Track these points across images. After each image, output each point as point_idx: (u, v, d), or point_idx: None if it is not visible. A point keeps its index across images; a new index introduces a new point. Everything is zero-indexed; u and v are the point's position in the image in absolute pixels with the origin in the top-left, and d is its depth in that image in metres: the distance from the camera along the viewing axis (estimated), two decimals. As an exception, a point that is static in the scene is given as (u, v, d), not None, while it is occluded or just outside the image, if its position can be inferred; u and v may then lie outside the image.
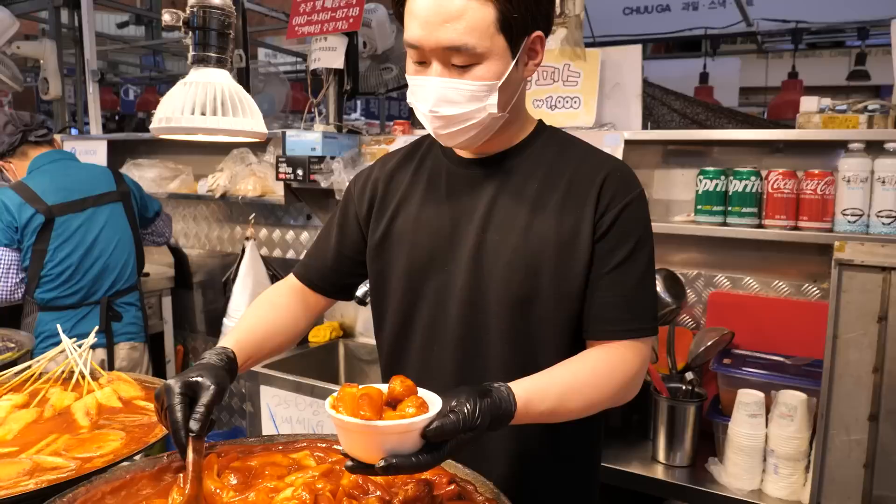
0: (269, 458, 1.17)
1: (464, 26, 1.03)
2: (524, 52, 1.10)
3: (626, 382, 1.14)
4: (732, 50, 6.01)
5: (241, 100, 0.76)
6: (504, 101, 1.11)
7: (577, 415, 1.11)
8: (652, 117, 2.60)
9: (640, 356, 1.16)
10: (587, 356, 1.15)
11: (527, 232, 1.16)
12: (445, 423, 0.89)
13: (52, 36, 3.92)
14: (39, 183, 2.62)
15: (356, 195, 1.35)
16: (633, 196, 1.16)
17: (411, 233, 1.24)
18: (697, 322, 2.23)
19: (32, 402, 1.47)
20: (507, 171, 1.20)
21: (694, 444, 1.93)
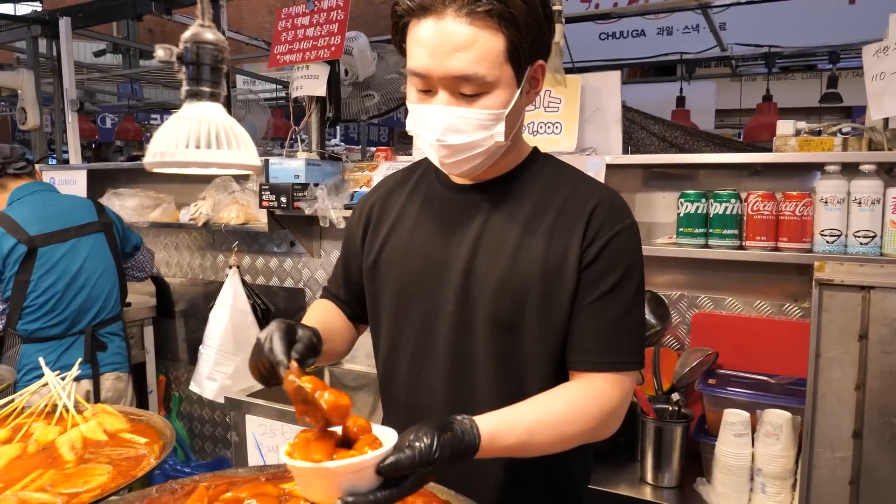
0: (260, 489, 1.16)
1: (474, 56, 1.02)
2: (527, 81, 1.10)
3: (602, 417, 1.11)
4: (707, 74, 6.15)
5: (234, 133, 0.77)
6: (509, 129, 1.10)
7: (550, 449, 1.10)
8: (631, 141, 2.65)
9: (621, 390, 1.13)
10: (563, 389, 1.13)
11: (515, 258, 1.15)
12: (400, 459, 0.88)
13: (30, 66, 3.91)
14: (20, 213, 2.60)
15: (355, 220, 1.36)
16: (622, 226, 1.15)
17: (403, 256, 1.24)
18: (682, 343, 2.26)
19: (16, 437, 1.44)
20: (499, 197, 1.20)
21: (681, 465, 1.94)
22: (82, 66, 7.47)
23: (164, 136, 0.73)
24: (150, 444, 1.43)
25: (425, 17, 1.04)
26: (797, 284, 2.06)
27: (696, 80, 5.62)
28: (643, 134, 2.64)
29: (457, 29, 1.01)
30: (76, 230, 2.70)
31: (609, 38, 6.74)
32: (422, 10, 1.04)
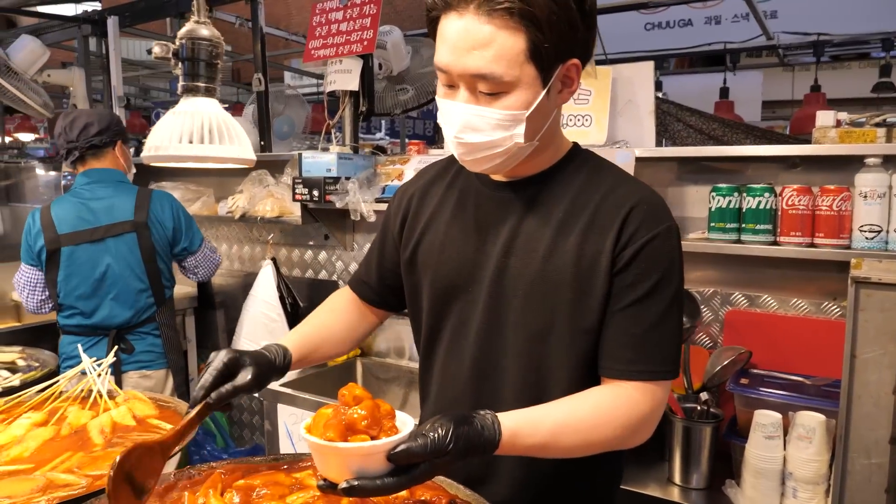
0: (273, 478, 1.18)
1: (492, 54, 1.00)
2: (557, 80, 1.06)
3: (631, 425, 1.08)
4: (754, 64, 5.95)
5: (228, 127, 0.78)
6: (532, 130, 1.07)
7: (573, 453, 1.08)
8: (667, 133, 2.59)
9: (653, 399, 1.09)
10: (591, 393, 1.11)
11: (547, 259, 1.13)
12: (412, 447, 0.89)
13: (81, 64, 4.06)
14: (60, 209, 2.63)
15: (393, 209, 1.37)
16: (659, 230, 1.10)
17: (438, 252, 1.24)
18: (714, 341, 2.20)
19: (51, 421, 1.50)
20: (534, 196, 1.17)
21: (710, 466, 1.89)
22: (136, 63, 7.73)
23: (160, 132, 0.75)
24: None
25: (450, 13, 1.03)
26: (836, 282, 1.97)
27: (742, 70, 5.44)
28: (679, 126, 2.58)
29: (476, 27, 1.00)
30: (105, 230, 2.63)
31: (654, 28, 6.59)
32: (447, 6, 1.03)
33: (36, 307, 2.68)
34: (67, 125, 2.63)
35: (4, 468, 1.28)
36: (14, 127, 7.34)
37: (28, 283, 2.66)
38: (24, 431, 1.43)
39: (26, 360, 2.10)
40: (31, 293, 2.66)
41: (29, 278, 2.65)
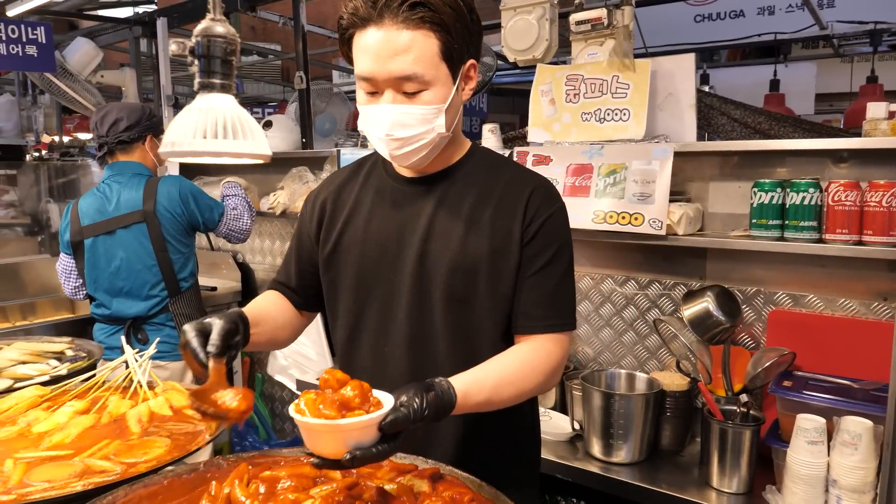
0: (298, 470, 1.19)
1: (412, 57, 1.15)
2: (462, 79, 1.24)
3: (550, 371, 1.27)
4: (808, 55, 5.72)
5: (243, 123, 0.80)
6: (449, 121, 1.24)
7: (510, 403, 1.23)
8: (710, 128, 2.51)
9: (562, 348, 1.29)
10: (515, 351, 1.28)
11: (464, 243, 1.29)
12: (398, 417, 0.99)
13: (133, 64, 4.19)
14: (84, 202, 2.73)
15: (307, 214, 1.48)
16: (555, 208, 1.30)
17: (360, 244, 1.37)
18: (757, 342, 2.13)
19: (93, 409, 1.55)
20: (445, 189, 1.33)
21: (751, 471, 1.84)
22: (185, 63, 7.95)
23: (177, 127, 0.77)
24: (209, 421, 1.51)
25: (368, 27, 1.16)
26: (886, 281, 1.89)
27: (794, 61, 5.24)
28: (723, 120, 2.50)
29: (395, 35, 1.14)
30: (118, 221, 2.66)
31: (705, 19, 6.40)
32: (364, 22, 1.16)
33: (72, 292, 2.84)
34: (98, 120, 2.71)
35: (46, 453, 1.33)
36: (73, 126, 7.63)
37: (64, 270, 2.81)
38: (66, 419, 1.49)
39: (74, 350, 2.17)
40: (66, 279, 2.82)
41: (65, 266, 2.81)
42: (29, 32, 3.58)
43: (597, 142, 2.19)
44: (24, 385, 1.77)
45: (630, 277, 2.36)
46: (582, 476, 2.03)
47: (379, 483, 1.14)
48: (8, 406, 1.57)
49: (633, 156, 2.07)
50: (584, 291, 2.47)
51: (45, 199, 4.96)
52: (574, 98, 2.25)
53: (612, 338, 2.43)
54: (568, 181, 2.16)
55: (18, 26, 3.55)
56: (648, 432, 2.02)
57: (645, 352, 2.36)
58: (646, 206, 2.01)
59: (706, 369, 1.98)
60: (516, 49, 2.38)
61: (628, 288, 2.37)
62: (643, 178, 2.03)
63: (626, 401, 2.00)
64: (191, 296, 2.83)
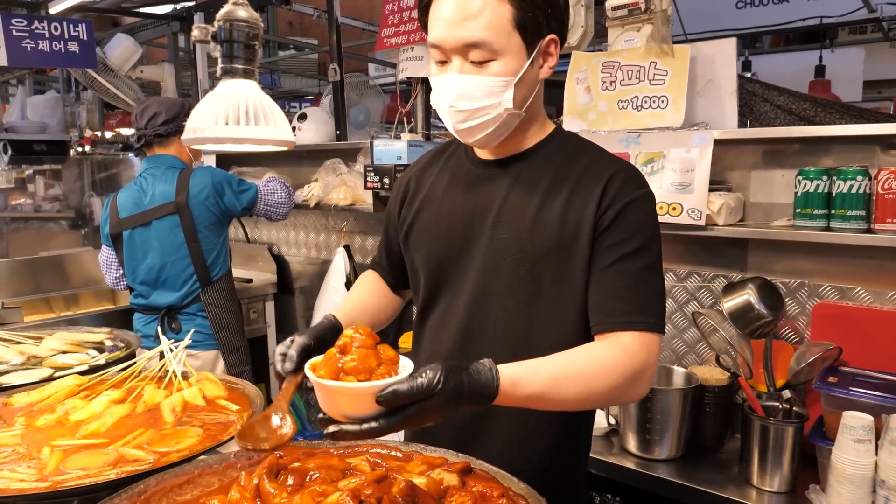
0: (327, 462, 1.19)
1: (482, 23, 1.10)
2: (539, 54, 1.17)
3: (629, 374, 1.11)
4: (855, 40, 5.50)
5: (265, 109, 0.78)
6: (520, 98, 1.17)
7: (572, 404, 1.11)
8: (752, 115, 2.43)
9: (647, 350, 1.13)
10: (588, 346, 1.15)
11: (532, 229, 1.20)
12: (398, 389, 0.90)
13: (171, 60, 4.25)
14: (122, 196, 2.80)
15: (394, 194, 1.47)
16: (638, 194, 1.18)
17: (433, 226, 1.33)
18: (800, 336, 2.06)
19: (128, 398, 1.58)
20: (520, 171, 1.25)
21: (793, 469, 1.77)
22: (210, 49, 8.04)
23: (199, 114, 0.76)
24: (241, 411, 1.52)
25: None
26: (941, 274, 1.80)
27: (841, 47, 5.04)
28: (766, 107, 2.42)
29: (467, 0, 1.10)
30: (153, 213, 2.72)
31: (747, 5, 6.21)
32: None
33: (113, 283, 2.94)
34: (138, 114, 2.77)
35: (82, 441, 1.35)
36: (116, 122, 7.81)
37: (105, 261, 2.91)
38: (102, 408, 1.51)
39: (113, 340, 2.22)
40: (107, 270, 2.91)
41: (106, 257, 2.90)
42: (71, 29, 3.66)
43: (634, 130, 2.14)
44: (64, 374, 1.81)
45: (668, 269, 2.30)
46: (618, 472, 1.98)
47: (408, 476, 1.12)
48: (48, 394, 1.60)
49: (672, 144, 2.01)
50: (619, 284, 2.42)
51: (88, 192, 5.09)
52: (610, 85, 2.19)
53: (649, 331, 2.37)
54: (603, 171, 2.11)
55: (61, 23, 3.63)
56: (687, 428, 1.97)
57: (683, 345, 2.30)
58: (685, 195, 1.96)
59: (747, 364, 1.91)
60: (550, 36, 2.33)
61: (666, 280, 2.29)
62: (682, 166, 1.97)
63: (663, 396, 1.95)
64: (223, 286, 2.87)
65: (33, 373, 1.94)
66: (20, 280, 3.71)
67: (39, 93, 6.28)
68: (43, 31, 3.56)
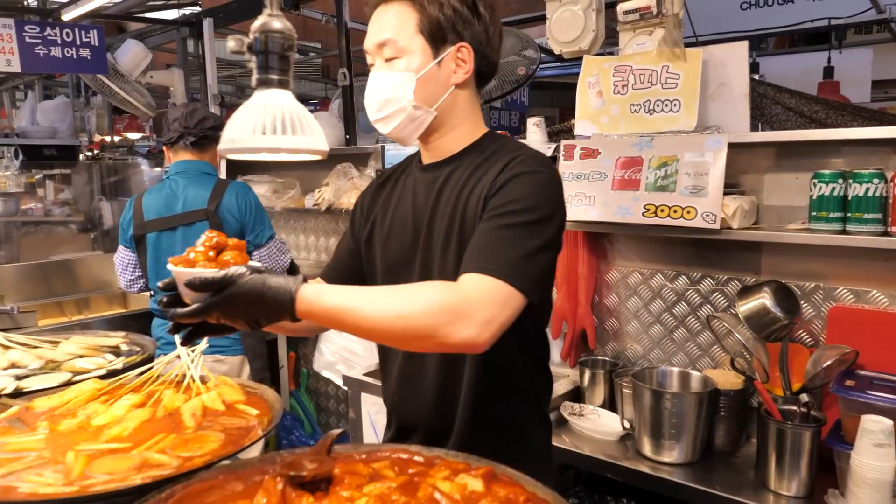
0: (351, 467, 1.20)
1: (390, 25, 1.29)
2: (450, 59, 1.31)
3: (450, 308, 1.07)
4: (863, 41, 5.50)
5: (302, 119, 0.79)
6: (426, 95, 1.30)
7: (382, 321, 1.07)
8: (764, 118, 2.44)
9: (479, 291, 1.11)
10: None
11: (454, 220, 1.31)
12: (206, 276, 1.04)
13: (180, 65, 4.27)
14: (150, 197, 2.78)
15: (357, 208, 1.57)
16: (528, 169, 1.24)
17: (387, 234, 1.44)
18: (816, 339, 2.06)
19: (148, 403, 1.58)
20: (451, 171, 1.36)
21: (811, 474, 1.77)
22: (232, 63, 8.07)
23: (236, 124, 0.77)
24: (261, 416, 1.52)
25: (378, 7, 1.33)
26: (958, 277, 1.80)
27: (849, 47, 5.03)
28: (777, 109, 2.42)
29: (384, 9, 1.31)
30: (182, 217, 2.71)
31: (752, 6, 6.22)
32: (373, 8, 1.34)
33: (127, 285, 2.89)
34: (187, 113, 2.77)
35: (105, 446, 1.35)
36: (123, 126, 7.85)
37: (121, 262, 2.87)
38: (123, 412, 1.51)
39: (129, 344, 2.22)
40: (123, 271, 2.87)
41: (122, 258, 2.86)
42: (82, 36, 3.69)
43: (646, 134, 2.14)
44: (83, 378, 1.82)
45: (681, 272, 2.31)
46: (632, 476, 1.99)
47: (433, 482, 1.13)
48: (68, 399, 1.61)
49: (685, 147, 2.01)
50: (632, 287, 2.42)
51: (98, 197, 5.12)
52: (622, 89, 2.20)
53: (663, 334, 2.37)
54: (617, 174, 2.11)
55: (73, 30, 3.66)
56: (702, 432, 1.97)
57: (696, 349, 2.30)
58: (699, 199, 1.96)
59: (763, 368, 1.92)
60: (562, 41, 2.34)
61: (679, 283, 2.31)
62: (696, 170, 1.97)
63: (678, 399, 1.95)
64: None
65: (52, 377, 1.95)
66: (32, 284, 3.73)
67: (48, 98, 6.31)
68: (55, 37, 3.59)
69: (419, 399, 1.42)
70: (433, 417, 1.41)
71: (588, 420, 2.22)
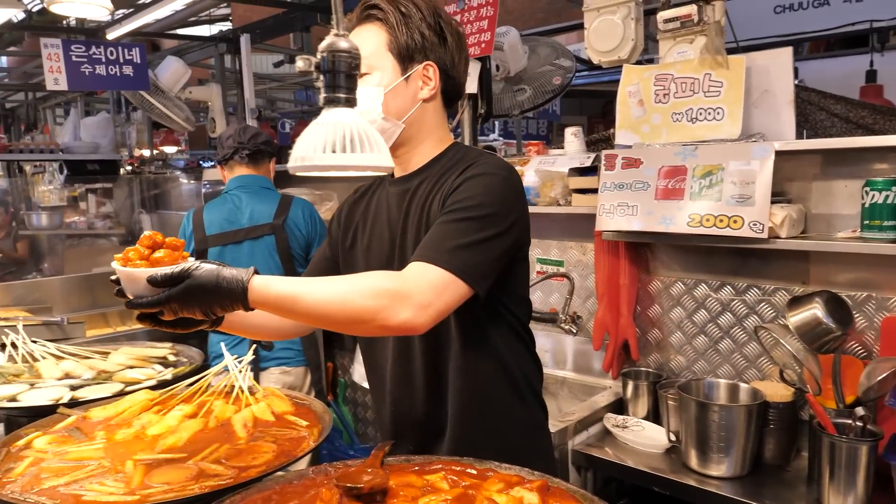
0: (405, 479, 1.20)
1: (363, 44, 1.28)
2: (417, 76, 1.40)
3: (391, 292, 1.14)
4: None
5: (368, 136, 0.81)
6: (394, 108, 1.38)
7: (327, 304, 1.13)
8: (808, 124, 2.40)
9: (418, 276, 1.19)
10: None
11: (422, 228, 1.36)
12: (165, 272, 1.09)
13: (218, 79, 4.36)
14: (211, 211, 2.81)
15: (334, 222, 1.64)
16: (483, 171, 1.31)
17: (367, 249, 1.51)
18: (869, 350, 2.00)
19: (199, 413, 1.61)
20: (419, 183, 1.43)
21: (868, 489, 1.72)
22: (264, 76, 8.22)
23: (305, 142, 0.79)
24: (311, 427, 1.53)
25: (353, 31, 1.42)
26: None
27: (891, 50, 4.92)
28: (822, 115, 2.38)
29: (359, 30, 1.41)
30: (247, 232, 2.73)
31: (786, 10, 6.12)
32: (352, 28, 1.42)
33: None
34: (240, 130, 2.86)
35: (162, 456, 1.38)
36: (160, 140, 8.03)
37: None
38: (176, 423, 1.54)
39: (176, 355, 2.27)
40: None
41: None
42: (125, 54, 3.79)
43: (689, 143, 2.12)
44: (134, 389, 1.86)
45: (725, 282, 2.27)
46: (679, 489, 1.96)
47: (488, 494, 1.13)
48: (123, 409, 1.64)
49: (731, 156, 1.99)
50: (675, 297, 2.40)
51: (138, 210, 5.24)
52: (664, 98, 2.18)
53: (707, 346, 2.34)
54: (660, 184, 2.10)
55: (116, 48, 3.76)
56: (751, 445, 1.94)
57: (743, 360, 2.26)
58: (745, 207, 1.93)
59: (815, 380, 1.88)
60: (601, 50, 2.33)
61: (724, 293, 2.28)
62: (742, 178, 1.95)
63: (727, 412, 1.92)
64: None
65: (105, 387, 2.00)
66: (79, 295, 3.82)
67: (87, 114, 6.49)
68: (100, 55, 3.70)
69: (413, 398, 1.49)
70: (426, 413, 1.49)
71: (632, 432, 2.20)
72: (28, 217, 5.49)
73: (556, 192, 2.47)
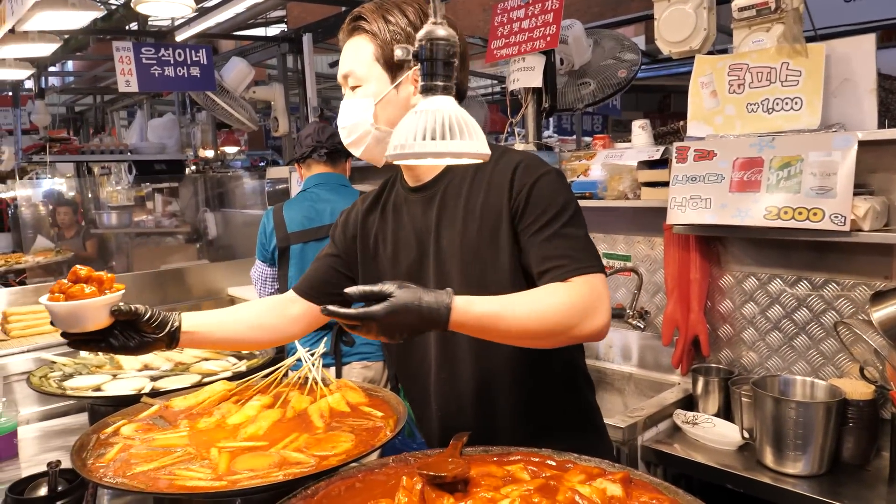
0: (486, 469, 1.21)
1: (351, 58, 1.41)
2: (408, 82, 1.39)
3: (579, 307, 1.20)
4: None
5: (465, 124, 0.82)
6: (386, 117, 1.39)
7: (527, 323, 1.17)
8: (890, 114, 2.29)
9: (590, 286, 1.23)
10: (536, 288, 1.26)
11: (465, 236, 1.37)
12: (351, 291, 1.13)
13: (280, 79, 4.45)
14: (291, 209, 2.86)
15: (339, 229, 1.66)
16: (538, 175, 1.33)
17: (392, 257, 1.51)
18: (959, 347, 1.91)
19: (276, 403, 1.65)
20: (444, 191, 1.43)
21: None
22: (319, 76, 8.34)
23: (402, 130, 0.80)
24: (385, 418, 1.56)
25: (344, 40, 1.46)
26: None
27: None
28: (905, 104, 2.27)
29: (347, 45, 1.43)
30: (328, 228, 2.72)
31: (856, -1, 5.88)
32: (342, 43, 1.46)
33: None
34: (319, 129, 2.92)
35: (245, 444, 1.42)
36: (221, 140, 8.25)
37: (260, 277, 2.97)
38: (255, 412, 1.59)
39: (250, 348, 2.33)
40: (262, 286, 2.97)
41: (261, 273, 2.96)
42: (192, 55, 3.91)
43: (766, 133, 2.06)
44: (211, 380, 1.92)
45: (801, 277, 2.20)
46: (754, 487, 1.91)
47: (571, 485, 1.13)
48: (203, 398, 1.70)
49: (811, 147, 1.92)
50: (748, 292, 2.33)
51: (203, 208, 5.40)
52: (738, 88, 2.13)
53: (782, 342, 2.27)
54: (735, 176, 2.04)
55: (184, 50, 3.88)
56: (829, 443, 1.87)
57: (819, 357, 2.19)
58: (826, 200, 1.87)
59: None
60: (672, 41, 2.29)
61: (800, 289, 2.21)
62: (822, 170, 1.88)
63: (804, 409, 1.86)
64: None
65: (183, 378, 2.08)
66: (150, 292, 3.97)
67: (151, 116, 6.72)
68: (168, 57, 3.82)
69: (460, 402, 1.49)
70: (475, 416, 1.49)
71: (702, 429, 2.15)
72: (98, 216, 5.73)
73: (625, 186, 2.44)
